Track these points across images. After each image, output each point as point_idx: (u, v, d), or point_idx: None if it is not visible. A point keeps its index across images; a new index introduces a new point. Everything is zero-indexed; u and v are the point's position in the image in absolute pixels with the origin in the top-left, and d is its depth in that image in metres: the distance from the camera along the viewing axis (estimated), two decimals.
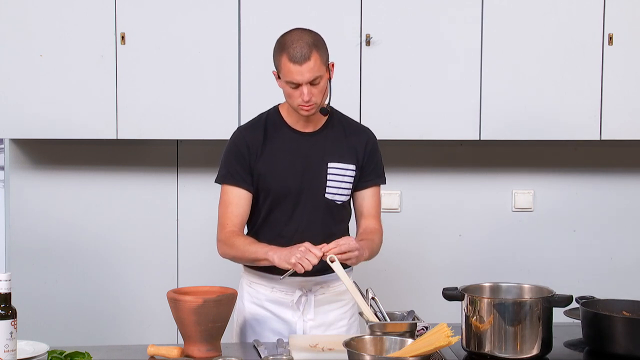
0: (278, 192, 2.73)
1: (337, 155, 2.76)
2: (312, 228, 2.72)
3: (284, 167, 2.73)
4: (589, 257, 4.11)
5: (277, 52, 2.65)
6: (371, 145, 2.83)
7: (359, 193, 2.83)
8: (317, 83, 2.62)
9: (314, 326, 2.77)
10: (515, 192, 4.07)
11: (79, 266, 3.97)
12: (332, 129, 2.79)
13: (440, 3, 3.69)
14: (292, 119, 2.76)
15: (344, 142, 2.79)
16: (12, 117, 3.64)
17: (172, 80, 3.65)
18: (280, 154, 2.74)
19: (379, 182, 2.85)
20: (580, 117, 3.75)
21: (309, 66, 2.59)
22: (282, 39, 2.66)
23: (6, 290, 2.14)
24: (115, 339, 3.87)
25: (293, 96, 2.65)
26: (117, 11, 3.61)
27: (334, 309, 2.81)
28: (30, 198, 3.95)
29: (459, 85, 3.72)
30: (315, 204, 2.74)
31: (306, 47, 2.59)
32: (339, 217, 2.81)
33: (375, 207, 2.85)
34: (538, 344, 2.42)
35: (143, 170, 3.97)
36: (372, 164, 2.82)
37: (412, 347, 2.24)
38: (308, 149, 2.75)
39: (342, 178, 2.76)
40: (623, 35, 3.72)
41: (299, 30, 2.66)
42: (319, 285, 2.78)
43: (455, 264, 4.04)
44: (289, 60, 2.59)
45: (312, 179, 2.74)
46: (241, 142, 2.76)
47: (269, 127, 2.77)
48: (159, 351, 2.46)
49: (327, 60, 2.67)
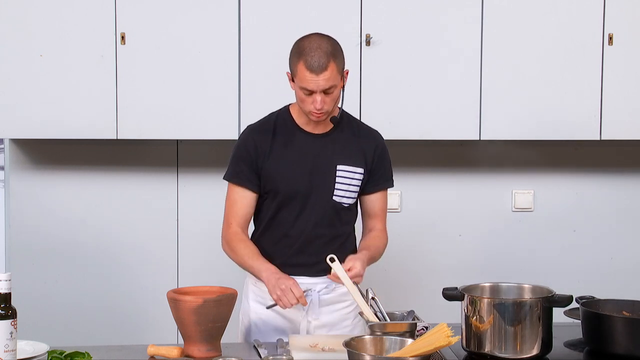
0: (286, 192, 2.74)
1: (346, 158, 2.76)
2: (318, 229, 2.74)
3: (293, 168, 2.73)
4: (589, 257, 4.11)
5: (295, 56, 2.63)
6: (381, 149, 2.83)
7: (368, 196, 2.84)
8: (331, 92, 2.62)
9: (317, 326, 2.77)
10: (515, 192, 4.07)
11: (79, 266, 3.97)
12: (342, 131, 2.79)
13: (440, 3, 3.69)
14: (302, 120, 2.76)
15: (353, 144, 2.79)
16: (12, 117, 3.64)
17: (172, 80, 3.65)
18: (289, 154, 2.74)
19: (387, 186, 2.87)
20: (580, 117, 3.75)
21: (325, 76, 2.58)
22: (301, 43, 2.64)
23: (6, 290, 2.15)
24: (115, 339, 3.86)
25: (306, 102, 2.64)
26: (117, 11, 3.61)
27: (339, 309, 2.81)
28: (30, 198, 3.95)
29: (459, 85, 3.72)
30: (323, 206, 2.75)
31: (324, 56, 2.58)
32: (346, 219, 2.81)
33: (383, 210, 2.87)
34: (538, 344, 2.42)
35: (143, 170, 3.97)
36: (382, 168, 2.83)
37: (412, 347, 2.25)
38: (317, 151, 2.75)
39: (351, 181, 2.77)
40: (623, 35, 3.72)
41: (318, 37, 2.64)
42: (324, 285, 2.78)
43: (455, 264, 4.04)
44: (306, 68, 2.58)
45: (320, 180, 2.74)
46: (249, 142, 2.76)
47: (278, 127, 2.77)
48: (159, 351, 2.46)
49: (343, 68, 2.67)
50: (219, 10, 3.63)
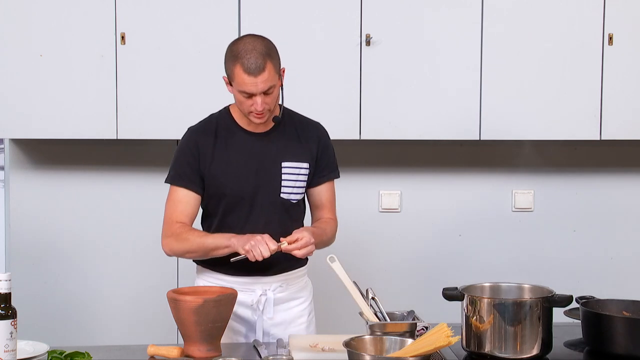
0: (233, 195, 2.71)
1: (291, 155, 2.75)
2: (269, 228, 2.67)
3: (238, 170, 2.71)
4: (589, 257, 4.11)
5: (230, 60, 2.61)
6: (324, 140, 2.82)
7: (315, 189, 2.82)
8: (270, 92, 2.61)
9: (273, 325, 2.76)
10: (515, 192, 4.07)
11: (79, 266, 3.97)
12: (284, 128, 2.77)
13: (441, 3, 3.69)
14: (243, 121, 2.74)
15: (296, 140, 2.77)
16: (12, 117, 3.64)
17: (172, 80, 3.65)
18: (232, 156, 2.71)
19: (333, 177, 2.85)
20: (580, 117, 3.75)
21: (264, 77, 2.57)
22: (235, 47, 2.62)
23: (6, 290, 2.15)
24: (115, 339, 3.87)
25: (245, 104, 2.63)
26: (117, 11, 3.61)
27: (293, 306, 2.81)
28: (30, 198, 3.95)
29: (459, 85, 3.72)
30: (271, 205, 2.73)
31: (260, 57, 2.56)
32: (295, 215, 2.80)
33: (330, 201, 2.85)
34: (538, 344, 2.42)
35: (143, 170, 3.97)
36: (326, 159, 2.81)
37: (412, 347, 2.24)
38: (261, 150, 2.73)
39: (297, 177, 2.75)
40: (623, 35, 3.72)
41: (251, 38, 2.63)
42: (278, 284, 2.77)
43: (455, 264, 4.04)
44: (243, 71, 2.56)
45: (266, 179, 2.72)
46: (192, 144, 2.73)
47: (220, 129, 2.75)
48: (159, 351, 2.46)
49: (280, 66, 2.65)
50: (219, 10, 3.63)
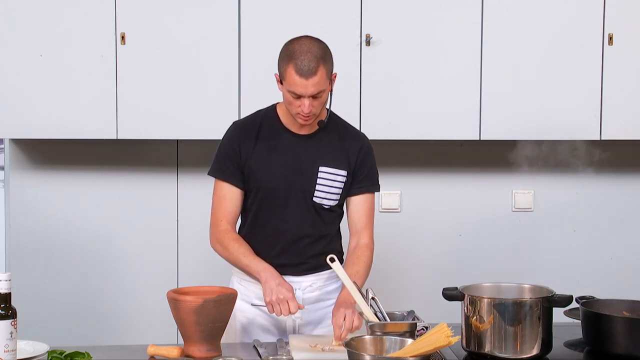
0: (267, 190, 2.73)
1: (329, 160, 2.75)
2: (301, 230, 2.72)
3: (275, 167, 2.72)
4: (589, 257, 4.11)
5: (284, 59, 2.61)
6: (365, 151, 2.80)
7: (351, 199, 2.81)
8: (319, 96, 2.61)
9: (302, 324, 2.77)
10: (515, 192, 4.07)
11: (79, 266, 3.97)
12: (328, 133, 2.77)
13: (441, 3, 3.69)
14: (288, 120, 2.75)
15: (337, 146, 2.77)
16: (12, 117, 3.64)
17: (172, 80, 3.65)
18: (272, 154, 2.73)
19: (372, 190, 2.82)
20: (580, 117, 3.75)
21: (314, 81, 2.57)
22: (291, 46, 2.62)
23: (6, 290, 2.15)
24: (115, 339, 3.87)
25: (293, 104, 2.63)
26: (117, 11, 3.61)
27: (323, 307, 2.80)
28: (30, 198, 3.95)
29: (459, 85, 3.72)
30: (304, 206, 2.74)
31: (314, 60, 2.56)
32: (328, 220, 2.79)
33: (368, 217, 2.82)
34: (538, 344, 2.42)
35: (143, 170, 3.97)
36: (365, 171, 2.79)
37: (412, 347, 2.25)
38: (301, 151, 2.74)
39: (332, 183, 2.75)
40: (623, 35, 3.72)
41: (308, 40, 2.62)
42: (309, 284, 2.78)
43: (455, 264, 4.04)
44: (295, 72, 2.56)
45: (301, 181, 2.73)
46: (234, 138, 2.76)
47: (264, 125, 2.76)
48: (159, 351, 2.46)
49: (332, 72, 2.65)
50: (219, 10, 3.63)
